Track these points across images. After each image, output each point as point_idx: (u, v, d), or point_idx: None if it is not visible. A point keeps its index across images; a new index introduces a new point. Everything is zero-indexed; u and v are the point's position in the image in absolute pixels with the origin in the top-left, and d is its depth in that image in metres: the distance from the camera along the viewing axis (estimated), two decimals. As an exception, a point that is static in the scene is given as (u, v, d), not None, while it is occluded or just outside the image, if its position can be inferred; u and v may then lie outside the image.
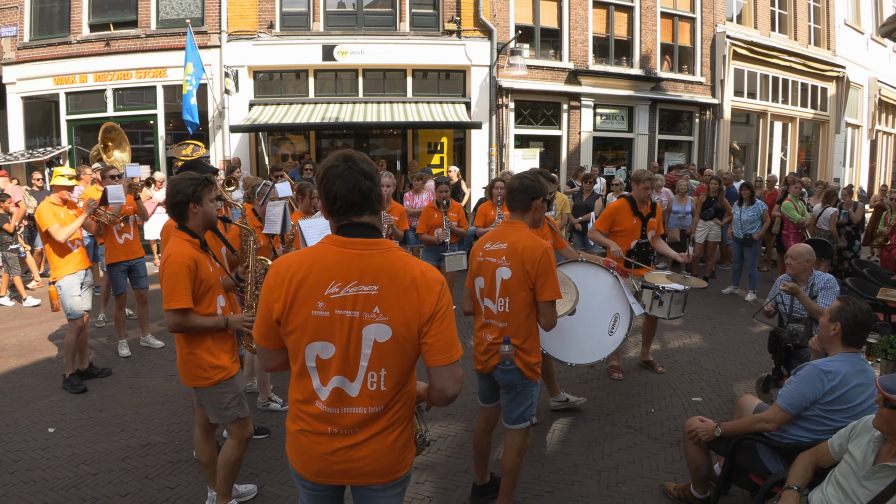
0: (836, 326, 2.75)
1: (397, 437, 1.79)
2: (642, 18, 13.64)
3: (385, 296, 1.67)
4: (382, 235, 1.77)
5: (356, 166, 1.69)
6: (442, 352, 1.70)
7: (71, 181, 5.02)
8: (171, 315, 2.73)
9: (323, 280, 1.68)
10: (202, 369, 2.86)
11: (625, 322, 4.15)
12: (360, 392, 1.72)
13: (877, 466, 2.18)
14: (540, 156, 13.46)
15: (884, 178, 19.94)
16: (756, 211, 7.93)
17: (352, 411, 1.73)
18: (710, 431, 3.01)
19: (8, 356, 5.80)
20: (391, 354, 1.70)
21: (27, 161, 11.84)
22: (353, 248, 1.70)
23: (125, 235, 5.61)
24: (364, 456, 1.75)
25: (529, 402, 2.94)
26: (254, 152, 12.44)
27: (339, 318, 1.67)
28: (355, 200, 1.68)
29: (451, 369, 1.72)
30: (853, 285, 6.13)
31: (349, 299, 1.67)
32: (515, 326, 2.84)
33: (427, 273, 1.71)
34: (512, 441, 2.99)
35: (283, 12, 12.14)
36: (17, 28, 12.27)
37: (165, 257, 2.78)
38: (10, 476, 3.58)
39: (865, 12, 18.13)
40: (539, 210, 2.96)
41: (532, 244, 2.77)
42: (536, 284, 2.76)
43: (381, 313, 1.67)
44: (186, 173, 2.99)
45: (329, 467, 1.77)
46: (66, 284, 4.90)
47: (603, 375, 5.20)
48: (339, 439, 1.75)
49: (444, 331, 1.70)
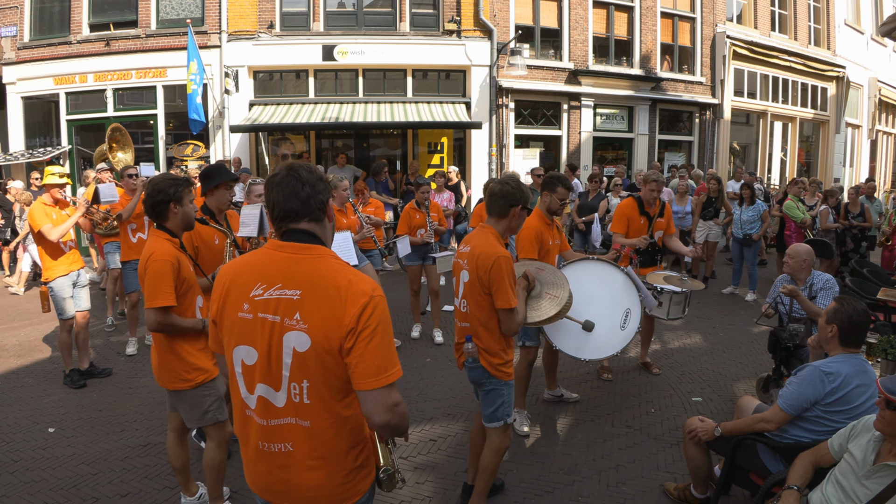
0: (833, 328, 2.75)
1: (340, 463, 1.66)
2: (642, 18, 13.64)
3: (306, 302, 1.57)
4: (324, 243, 1.71)
5: (295, 174, 1.67)
6: (366, 375, 1.54)
7: (62, 179, 5.00)
8: (154, 313, 2.72)
9: (250, 281, 1.65)
10: (185, 371, 2.84)
11: (636, 317, 4.20)
12: (287, 402, 1.62)
13: (877, 466, 2.18)
14: (540, 156, 13.46)
15: (884, 178, 19.95)
16: (756, 211, 7.94)
17: (280, 422, 1.64)
18: (710, 431, 3.01)
19: (8, 356, 5.80)
20: (312, 366, 1.58)
21: (27, 161, 11.84)
22: (284, 252, 1.66)
23: (139, 234, 5.59)
24: (300, 482, 1.65)
25: (501, 401, 2.95)
26: (254, 152, 12.44)
27: (261, 321, 1.61)
28: (292, 208, 1.66)
29: (376, 395, 1.54)
30: (853, 285, 6.13)
31: (272, 302, 1.61)
32: (475, 327, 2.91)
33: (356, 284, 1.57)
34: (489, 440, 3.01)
35: (283, 12, 12.14)
36: (17, 28, 12.26)
37: (147, 255, 2.76)
38: (11, 476, 3.58)
39: (865, 12, 18.13)
40: (517, 218, 2.97)
41: (487, 251, 2.79)
42: (491, 290, 2.78)
43: (301, 320, 1.57)
44: (164, 173, 3.03)
45: (269, 487, 1.71)
46: (58, 286, 4.90)
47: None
48: (274, 457, 1.66)
49: (370, 352, 1.53)
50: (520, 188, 2.96)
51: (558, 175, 4.09)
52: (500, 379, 2.93)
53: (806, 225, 8.33)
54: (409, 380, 5.07)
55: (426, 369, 5.39)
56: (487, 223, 2.99)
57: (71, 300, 4.97)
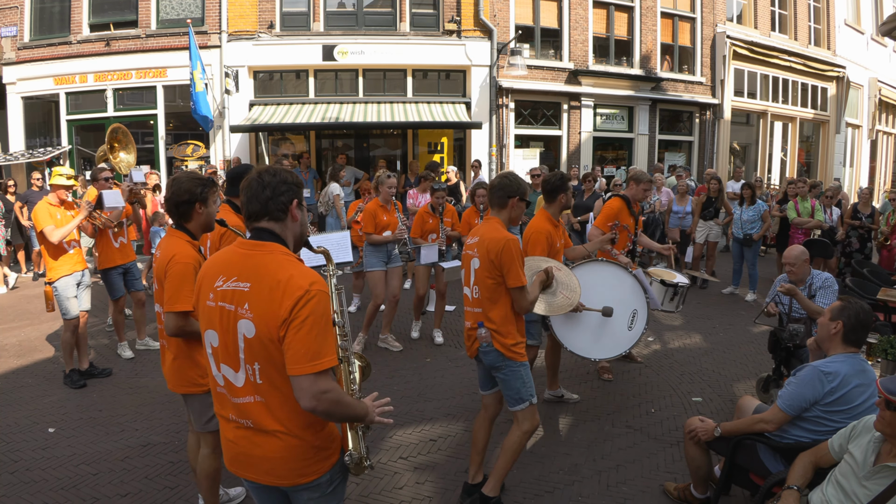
0: (838, 325, 2.75)
1: (296, 441, 1.79)
2: (642, 18, 13.64)
3: (253, 294, 1.74)
4: (282, 241, 1.86)
5: (259, 179, 1.85)
6: (294, 361, 1.68)
7: (69, 181, 5.01)
8: (174, 318, 2.63)
9: (216, 274, 1.85)
10: (198, 376, 2.81)
11: (643, 317, 4.34)
12: (245, 382, 1.80)
13: (877, 466, 2.18)
14: (540, 156, 13.46)
15: (884, 178, 19.95)
16: (756, 211, 7.94)
17: (241, 401, 1.81)
18: (710, 431, 3.01)
19: (8, 356, 5.80)
20: (259, 351, 1.74)
21: (27, 161, 11.84)
22: (243, 248, 1.86)
23: (120, 239, 5.56)
24: (260, 454, 1.81)
25: (521, 382, 3.07)
26: (254, 152, 12.44)
27: (220, 309, 1.80)
28: (255, 209, 1.85)
29: (302, 381, 1.67)
30: (853, 285, 6.13)
31: (228, 293, 1.79)
32: (487, 310, 3.06)
33: (295, 278, 1.72)
34: (518, 424, 3.10)
35: (283, 12, 12.14)
36: (17, 28, 12.26)
37: (169, 257, 2.68)
38: (11, 476, 3.58)
39: (865, 12, 18.13)
40: (515, 208, 3.17)
41: (496, 236, 3.01)
42: (503, 273, 2.97)
43: (248, 310, 1.74)
44: (188, 172, 2.95)
45: (235, 458, 1.88)
46: (62, 286, 4.90)
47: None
48: (239, 430, 1.84)
49: (300, 340, 1.67)
50: (517, 181, 3.20)
51: (561, 174, 4.18)
52: (514, 360, 3.04)
53: (823, 228, 8.31)
54: (409, 380, 5.07)
55: (426, 369, 5.38)
56: (491, 214, 3.22)
57: (75, 300, 4.97)
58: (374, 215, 5.61)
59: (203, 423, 2.90)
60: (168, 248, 2.75)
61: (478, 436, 3.31)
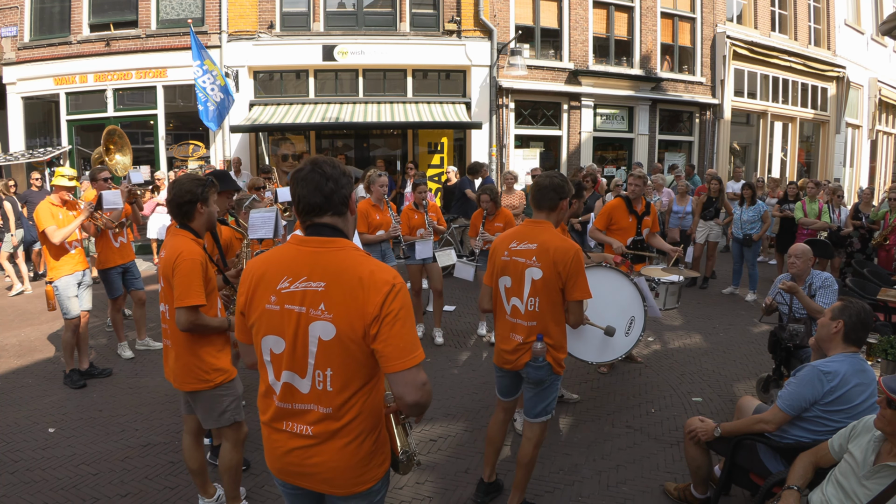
0: (839, 324, 2.75)
1: (357, 448, 1.74)
2: (642, 18, 13.64)
3: (331, 293, 1.66)
4: (346, 236, 1.78)
5: (319, 169, 1.73)
6: (394, 357, 1.63)
7: (72, 182, 5.03)
8: (186, 313, 2.69)
9: (277, 275, 1.73)
10: (204, 372, 2.84)
11: (639, 324, 4.40)
12: (311, 389, 1.72)
13: (877, 466, 2.18)
14: (540, 156, 13.46)
15: (884, 178, 19.94)
16: (756, 211, 7.94)
17: (303, 408, 1.73)
18: (710, 432, 3.01)
19: (8, 356, 5.80)
20: (336, 354, 1.67)
21: (27, 161, 11.84)
22: (308, 246, 1.74)
23: (120, 239, 5.58)
24: (318, 462, 1.73)
25: (553, 396, 3.02)
26: (254, 152, 12.44)
27: (287, 312, 1.70)
28: (316, 202, 1.73)
29: (405, 375, 1.63)
30: (853, 285, 6.13)
31: (297, 294, 1.69)
32: (546, 324, 2.89)
33: (377, 273, 1.66)
34: (531, 434, 3.04)
35: (283, 12, 12.15)
36: (17, 28, 12.27)
37: (176, 255, 2.73)
38: (11, 476, 3.58)
39: (865, 12, 18.13)
40: (563, 211, 3.01)
41: (563, 245, 2.82)
42: (567, 285, 2.81)
43: (326, 310, 1.66)
44: (188, 174, 3.03)
45: (287, 468, 1.79)
46: (63, 285, 4.91)
47: (602, 375, 5.21)
48: (294, 439, 1.75)
49: (396, 336, 1.63)
50: (566, 180, 3.00)
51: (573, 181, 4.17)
52: (559, 374, 2.99)
53: (832, 229, 8.31)
54: (409, 380, 5.07)
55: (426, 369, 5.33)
56: (537, 217, 3.00)
57: (76, 300, 4.98)
58: (367, 215, 5.61)
59: (215, 417, 2.92)
60: (174, 246, 2.81)
61: (496, 438, 3.27)
